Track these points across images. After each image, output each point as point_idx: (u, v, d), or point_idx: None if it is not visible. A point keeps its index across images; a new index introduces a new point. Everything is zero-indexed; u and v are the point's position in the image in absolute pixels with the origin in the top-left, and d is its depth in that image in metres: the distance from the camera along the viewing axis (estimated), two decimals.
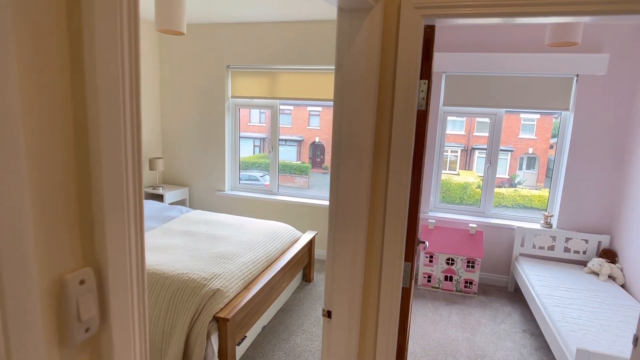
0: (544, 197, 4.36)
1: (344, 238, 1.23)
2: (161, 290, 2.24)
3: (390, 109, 1.09)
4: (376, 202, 1.20)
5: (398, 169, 1.10)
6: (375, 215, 1.21)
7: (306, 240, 3.38)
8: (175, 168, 4.61)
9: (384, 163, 1.14)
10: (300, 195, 4.33)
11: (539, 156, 5.50)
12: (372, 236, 1.26)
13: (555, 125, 5.38)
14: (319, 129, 9.75)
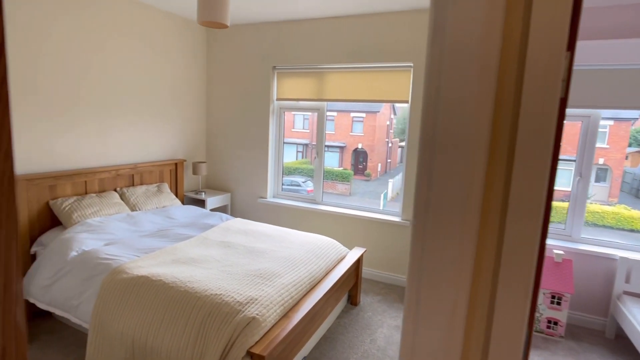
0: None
1: (438, 274, 0.84)
2: (192, 312, 1.98)
3: (514, 92, 0.71)
4: (489, 221, 0.81)
5: (526, 179, 0.72)
6: (485, 243, 0.82)
7: (354, 258, 3.01)
8: (218, 173, 4.44)
9: (501, 166, 0.76)
10: (343, 204, 3.97)
11: (612, 167, 4.76)
12: (480, 273, 0.87)
13: (632, 132, 4.59)
14: (362, 135, 9.37)
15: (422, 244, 0.91)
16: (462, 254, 0.84)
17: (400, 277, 3.66)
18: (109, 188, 3.28)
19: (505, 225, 0.79)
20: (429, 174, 0.83)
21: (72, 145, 3.01)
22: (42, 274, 2.50)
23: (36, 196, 2.75)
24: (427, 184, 0.85)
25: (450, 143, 0.76)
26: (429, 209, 0.86)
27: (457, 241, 0.84)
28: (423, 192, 0.84)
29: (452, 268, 0.86)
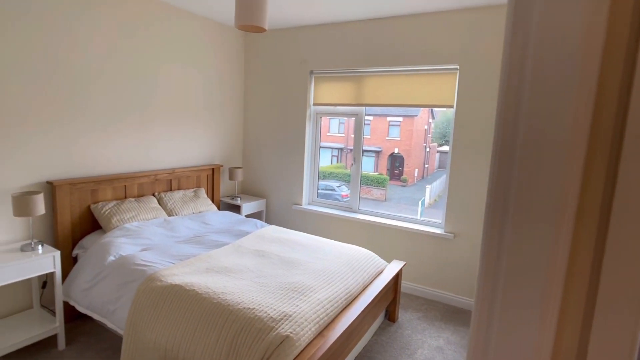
0: None
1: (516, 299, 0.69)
2: (224, 326, 1.90)
3: (622, 84, 0.55)
4: (584, 233, 0.65)
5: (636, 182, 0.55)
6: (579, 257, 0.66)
7: (393, 272, 2.84)
8: (254, 178, 4.41)
9: (600, 170, 0.60)
10: (380, 212, 3.80)
11: None
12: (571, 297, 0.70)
13: None
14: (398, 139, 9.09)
15: (495, 260, 0.76)
16: (550, 273, 0.68)
17: (442, 292, 3.44)
18: (148, 193, 3.31)
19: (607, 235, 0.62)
20: (507, 182, 0.68)
21: (113, 151, 3.06)
22: (82, 277, 2.54)
23: (79, 200, 2.81)
24: (504, 194, 0.70)
25: (537, 148, 0.61)
26: (506, 221, 0.71)
27: (543, 257, 0.69)
28: (498, 203, 0.70)
29: (537, 292, 0.70)
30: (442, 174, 8.61)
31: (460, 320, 3.17)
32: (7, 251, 2.37)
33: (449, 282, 3.41)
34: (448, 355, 2.66)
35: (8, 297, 2.58)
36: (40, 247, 2.43)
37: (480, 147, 3.14)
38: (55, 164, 2.71)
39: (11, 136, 2.46)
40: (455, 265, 3.35)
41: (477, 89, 3.10)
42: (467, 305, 3.34)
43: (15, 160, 2.50)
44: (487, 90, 3.07)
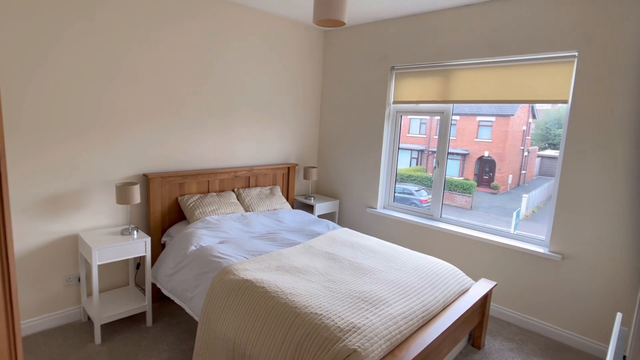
0: None
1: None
2: (290, 328, 1.86)
3: None
4: None
5: None
6: None
7: (481, 292, 2.54)
8: (328, 178, 4.36)
9: None
10: (466, 223, 3.43)
11: None
12: None
13: None
14: (489, 141, 8.27)
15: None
16: None
17: (542, 323, 2.95)
18: (228, 188, 3.46)
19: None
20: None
21: (199, 149, 3.25)
22: (167, 263, 2.72)
23: (168, 192, 3.03)
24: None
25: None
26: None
27: None
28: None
29: None
30: (543, 182, 7.60)
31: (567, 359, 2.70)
32: (111, 234, 2.64)
33: (552, 311, 2.91)
34: None
35: (111, 274, 2.89)
36: (135, 233, 2.67)
37: (605, 152, 2.57)
38: (150, 159, 2.95)
39: (116, 135, 2.74)
40: (562, 292, 2.84)
41: (603, 80, 2.54)
42: (577, 343, 2.80)
43: (119, 156, 2.77)
44: (616, 81, 2.49)
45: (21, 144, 2.35)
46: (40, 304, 2.58)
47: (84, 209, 2.67)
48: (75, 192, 2.60)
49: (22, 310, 2.51)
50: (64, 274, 2.65)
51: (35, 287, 2.54)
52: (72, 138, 2.54)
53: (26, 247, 2.46)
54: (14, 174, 2.35)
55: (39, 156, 2.42)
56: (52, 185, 2.50)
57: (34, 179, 2.42)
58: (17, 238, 2.42)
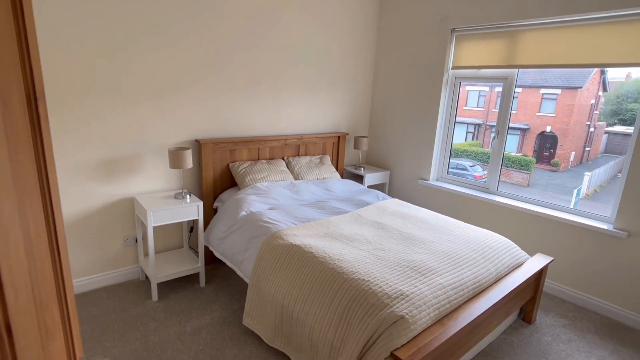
0: None
1: None
2: (337, 294, 1.85)
3: None
4: None
5: None
6: None
7: (536, 267, 2.38)
8: (379, 149, 4.25)
9: None
10: (521, 196, 3.21)
11: None
12: None
13: None
14: (552, 116, 7.55)
15: None
16: None
17: (600, 301, 2.77)
18: (277, 156, 3.48)
19: None
20: None
21: (250, 116, 3.27)
22: (218, 227, 2.82)
23: (220, 158, 3.11)
24: None
25: None
26: None
27: None
28: None
29: None
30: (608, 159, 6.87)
31: (624, 339, 2.51)
32: (164, 197, 2.78)
33: (612, 290, 2.71)
34: None
35: (166, 236, 3.06)
36: (188, 197, 2.78)
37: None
38: (202, 125, 3.02)
39: (169, 101, 2.82)
40: (625, 271, 2.64)
41: None
42: (637, 323, 2.62)
43: (172, 121, 2.87)
44: None
45: (81, 111, 2.49)
46: (103, 261, 2.80)
47: (138, 173, 2.81)
48: (130, 156, 2.75)
49: (87, 266, 2.74)
50: (122, 234, 2.85)
51: (97, 246, 2.75)
52: (128, 105, 2.66)
53: (87, 208, 2.66)
54: (76, 138, 2.52)
55: (97, 122, 2.57)
56: (109, 150, 2.65)
57: (93, 144, 2.58)
58: (79, 199, 2.61)
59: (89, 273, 2.75)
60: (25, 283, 0.48)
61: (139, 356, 2.14)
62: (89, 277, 2.75)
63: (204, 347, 2.23)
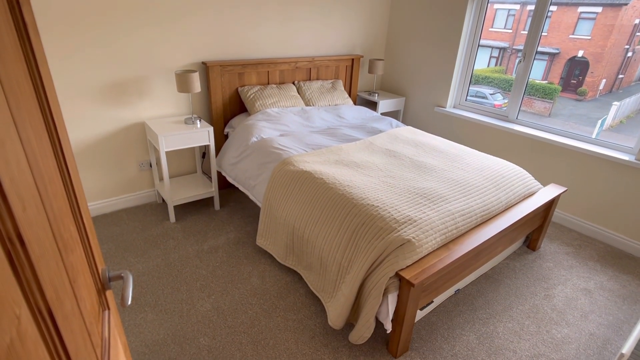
0: None
1: None
2: (346, 218, 1.90)
3: None
4: None
5: None
6: None
7: (547, 197, 2.37)
8: (395, 73, 4.04)
9: None
10: (541, 125, 3.09)
11: None
12: None
13: None
14: (588, 38, 6.92)
15: None
16: None
17: (606, 230, 2.80)
18: (288, 80, 3.35)
19: None
20: None
21: (258, 36, 3.09)
22: (230, 152, 2.84)
23: (228, 82, 3.01)
24: None
25: None
26: None
27: None
28: None
29: None
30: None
31: (624, 266, 2.58)
32: (175, 122, 2.76)
33: (621, 220, 2.72)
34: (597, 301, 2.24)
35: (179, 162, 3.11)
36: (198, 122, 2.76)
37: None
38: (209, 47, 2.88)
39: (175, 21, 2.65)
40: (638, 202, 2.62)
41: None
42: (638, 250, 2.68)
43: (178, 43, 2.73)
44: None
45: (86, 33, 2.38)
46: (121, 185, 2.89)
47: (147, 97, 2.76)
48: (137, 79, 2.68)
49: (105, 189, 2.84)
50: (136, 159, 2.89)
51: (114, 170, 2.82)
52: (132, 26, 2.52)
53: (99, 132, 2.67)
54: (81, 61, 2.44)
55: (103, 45, 2.46)
56: (117, 73, 2.58)
57: (100, 67, 2.51)
58: (89, 124, 2.61)
59: (108, 196, 2.86)
60: (33, 195, 0.49)
61: (161, 271, 2.30)
62: (108, 200, 2.87)
63: (221, 264, 2.38)
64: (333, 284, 1.91)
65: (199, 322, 1.95)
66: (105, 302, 0.86)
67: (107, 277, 0.86)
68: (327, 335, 1.91)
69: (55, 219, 0.61)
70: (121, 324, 0.97)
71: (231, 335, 1.88)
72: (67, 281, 0.58)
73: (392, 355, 1.81)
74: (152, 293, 2.13)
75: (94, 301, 0.76)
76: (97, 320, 0.76)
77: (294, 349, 1.82)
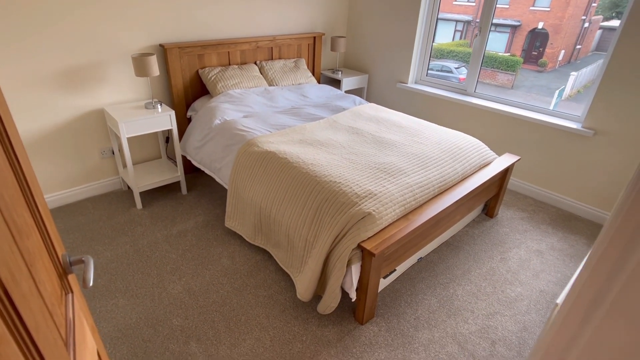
0: None
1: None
2: (310, 195, 1.96)
3: None
4: None
5: None
6: None
7: (502, 166, 2.52)
8: (357, 50, 4.06)
9: None
10: (500, 98, 3.24)
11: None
12: None
13: None
14: (547, 10, 7.12)
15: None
16: None
17: (558, 195, 3.01)
18: (250, 61, 3.32)
19: None
20: None
21: (217, 16, 3.02)
22: (194, 136, 2.81)
23: (188, 64, 2.95)
24: None
25: None
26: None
27: None
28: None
29: None
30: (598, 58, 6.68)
31: (573, 227, 2.80)
32: (135, 107, 2.70)
33: (571, 184, 2.93)
34: (548, 261, 2.44)
35: (142, 148, 3.05)
36: (159, 107, 2.70)
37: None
38: (165, 28, 2.79)
39: (127, 1, 2.55)
40: (586, 167, 2.82)
41: None
42: (588, 213, 2.89)
43: (134, 24, 2.64)
44: None
45: (32, 14, 2.26)
46: (82, 174, 2.82)
47: (104, 82, 2.68)
48: (92, 64, 2.58)
49: (68, 179, 2.77)
50: (98, 147, 2.82)
51: (74, 159, 2.74)
52: (82, 6, 2.41)
53: (55, 121, 2.57)
54: (26, 46, 2.32)
55: (50, 27, 2.35)
56: (68, 58, 2.47)
57: (50, 52, 2.40)
58: (42, 112, 2.51)
59: (70, 185, 2.78)
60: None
61: (130, 257, 2.30)
62: (71, 189, 2.79)
63: (191, 247, 2.41)
64: (300, 259, 1.98)
65: (170, 304, 1.99)
66: (68, 285, 0.89)
67: (67, 261, 0.88)
68: (297, 308, 2.00)
69: (7, 207, 0.63)
70: (87, 306, 1.00)
71: (203, 315, 1.93)
72: (23, 264, 0.61)
73: (358, 323, 1.93)
74: (122, 279, 2.13)
75: (55, 284, 0.78)
76: (60, 302, 0.79)
77: (266, 323, 1.90)
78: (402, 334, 1.88)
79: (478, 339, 1.87)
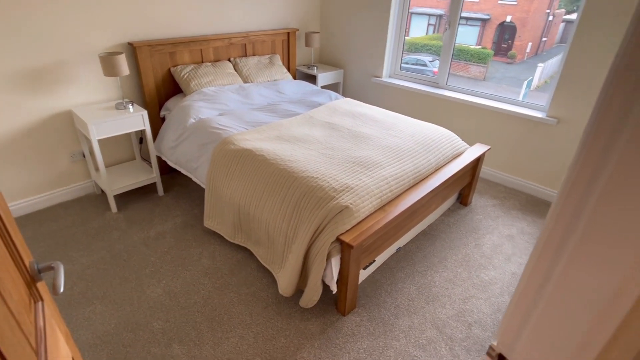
0: None
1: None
2: (288, 191, 1.97)
3: None
4: None
5: None
6: None
7: (473, 156, 2.59)
8: (332, 46, 4.07)
9: None
10: (472, 90, 3.32)
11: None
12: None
13: None
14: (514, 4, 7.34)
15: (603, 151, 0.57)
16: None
17: (527, 182, 3.12)
18: (223, 58, 3.28)
19: None
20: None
21: (188, 13, 2.96)
22: (168, 136, 2.77)
23: (159, 63, 2.89)
24: None
25: None
26: None
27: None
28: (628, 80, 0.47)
29: None
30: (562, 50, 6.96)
31: (541, 212, 2.92)
32: (105, 108, 2.63)
33: (538, 171, 3.04)
34: (519, 245, 2.53)
35: (115, 149, 2.98)
36: (131, 107, 2.64)
37: (627, 19, 2.34)
38: (134, 25, 2.72)
39: None
40: (550, 154, 2.93)
41: None
42: (554, 198, 3.01)
43: (100, 22, 2.56)
44: None
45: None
46: (52, 179, 2.73)
47: (71, 83, 2.59)
48: (57, 64, 2.50)
49: (35, 185, 2.68)
50: (67, 150, 2.73)
51: (42, 164, 2.65)
52: (44, 4, 2.32)
53: (21, 124, 2.48)
54: None
55: (11, 25, 2.25)
56: (31, 58, 2.38)
57: (11, 51, 2.30)
58: (8, 116, 2.42)
59: (40, 191, 2.69)
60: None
61: (107, 263, 2.26)
62: (41, 195, 2.70)
63: (169, 249, 2.38)
64: (281, 255, 1.99)
65: (150, 308, 1.96)
66: (38, 293, 0.87)
67: (35, 269, 0.86)
68: (280, 304, 2.01)
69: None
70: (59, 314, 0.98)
71: (185, 316, 1.92)
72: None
73: (341, 314, 1.96)
74: (99, 286, 2.09)
75: (22, 293, 0.77)
76: (28, 311, 0.77)
77: (249, 320, 1.90)
78: (383, 322, 1.92)
79: (455, 322, 1.94)
